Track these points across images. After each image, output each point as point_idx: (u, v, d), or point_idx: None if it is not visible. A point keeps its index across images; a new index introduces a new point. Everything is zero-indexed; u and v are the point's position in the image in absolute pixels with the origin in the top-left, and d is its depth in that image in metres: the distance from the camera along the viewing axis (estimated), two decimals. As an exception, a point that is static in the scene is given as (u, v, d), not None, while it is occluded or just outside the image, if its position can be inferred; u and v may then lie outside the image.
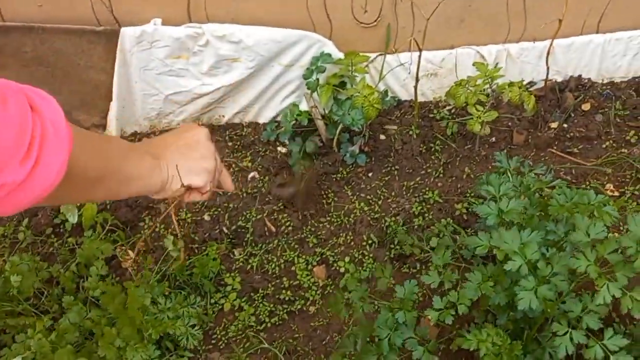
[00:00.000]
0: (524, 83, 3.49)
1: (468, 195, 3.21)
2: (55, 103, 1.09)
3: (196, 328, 2.82)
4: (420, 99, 3.53)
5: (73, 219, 3.03)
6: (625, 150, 3.26)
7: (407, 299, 2.33)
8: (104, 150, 1.29)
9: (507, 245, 2.13)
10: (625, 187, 3.17)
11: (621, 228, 3.00)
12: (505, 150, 3.34)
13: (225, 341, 2.93)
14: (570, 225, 2.15)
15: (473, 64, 2.98)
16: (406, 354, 2.39)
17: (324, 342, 2.92)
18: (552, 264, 2.08)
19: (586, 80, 3.46)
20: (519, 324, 2.56)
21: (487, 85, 2.97)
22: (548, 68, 3.30)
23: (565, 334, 2.07)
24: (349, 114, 3.15)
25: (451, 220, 3.15)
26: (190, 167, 1.54)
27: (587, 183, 3.18)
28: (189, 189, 1.57)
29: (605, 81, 3.47)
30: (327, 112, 3.39)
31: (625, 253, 1.93)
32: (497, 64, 3.23)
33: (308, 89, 3.27)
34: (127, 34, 3.08)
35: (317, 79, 3.25)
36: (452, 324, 2.51)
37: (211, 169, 1.61)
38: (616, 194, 3.16)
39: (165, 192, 1.51)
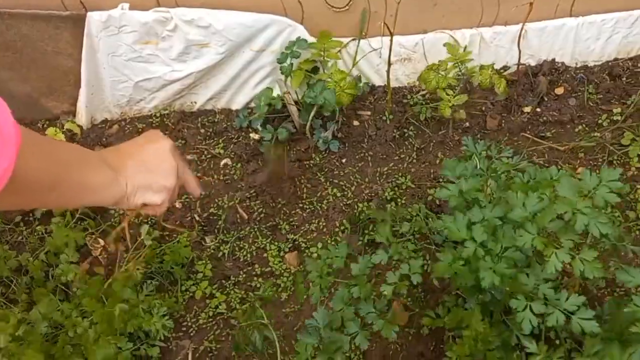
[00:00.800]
0: (498, 67, 3.48)
1: (441, 180, 3.20)
2: (1, 103, 1.02)
3: (166, 318, 2.80)
4: (394, 84, 3.51)
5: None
6: (598, 134, 3.25)
7: (361, 274, 2.33)
8: (57, 156, 1.21)
9: (457, 232, 2.13)
10: (598, 170, 3.16)
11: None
12: (478, 135, 3.33)
13: (196, 329, 2.91)
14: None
15: (444, 45, 2.96)
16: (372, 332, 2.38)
17: (295, 328, 2.90)
18: (499, 241, 2.08)
19: (560, 64, 3.45)
20: (488, 307, 2.56)
21: (458, 69, 2.95)
22: (520, 52, 3.28)
23: (525, 308, 2.07)
24: (322, 95, 3.12)
25: (424, 206, 3.14)
26: (150, 185, 1.46)
27: (560, 167, 3.17)
28: (145, 204, 1.52)
29: (579, 65, 3.47)
30: (299, 97, 3.36)
31: (564, 218, 1.94)
32: (465, 47, 3.21)
33: (282, 73, 3.24)
34: (94, 18, 3.04)
35: (291, 64, 3.22)
36: (421, 308, 2.52)
37: (171, 186, 1.53)
38: (588, 177, 3.16)
39: (120, 205, 1.44)
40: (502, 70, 3.46)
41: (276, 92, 3.43)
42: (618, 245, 2.43)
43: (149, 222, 3.12)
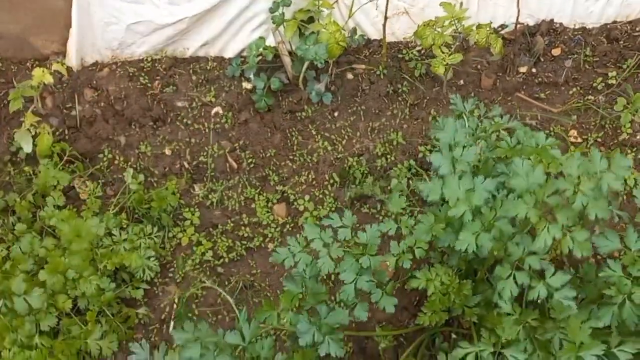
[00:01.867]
0: (496, 26, 3.43)
1: (432, 138, 3.19)
2: None
3: (153, 260, 2.82)
4: (390, 38, 3.46)
5: (27, 147, 2.96)
6: (592, 97, 3.24)
7: (370, 244, 2.31)
8: None
9: (453, 192, 2.13)
10: (589, 134, 3.17)
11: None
12: (472, 94, 3.31)
13: (182, 274, 2.94)
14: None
15: (440, 4, 2.91)
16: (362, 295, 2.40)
17: (281, 279, 2.93)
18: (495, 209, 2.09)
19: (558, 25, 3.41)
20: (472, 265, 2.59)
21: (454, 27, 2.91)
22: (519, 11, 3.23)
23: (509, 276, 2.10)
24: (313, 48, 3.08)
25: (414, 162, 3.14)
26: None
27: (551, 129, 3.17)
28: None
29: (577, 26, 3.42)
30: (293, 48, 3.31)
31: (564, 195, 1.95)
32: (461, 3, 3.14)
33: (273, 23, 3.19)
34: (85, -43, 2.96)
35: (283, 13, 3.16)
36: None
37: None
38: (579, 140, 3.17)
39: None
40: (499, 29, 3.42)
41: (270, 41, 3.38)
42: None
43: (135, 167, 3.11)
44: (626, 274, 1.99)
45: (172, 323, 2.82)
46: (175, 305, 2.86)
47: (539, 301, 2.24)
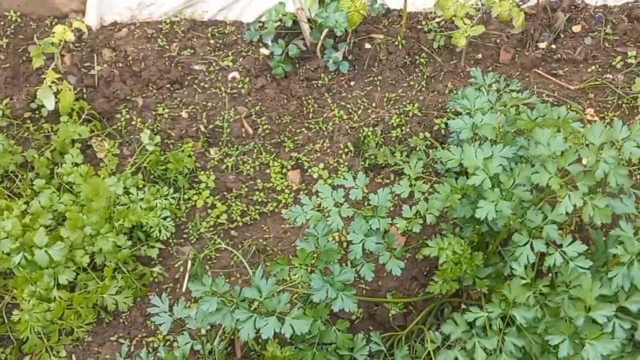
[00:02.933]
0: (518, 0, 3.41)
1: (449, 110, 3.20)
2: None
3: (168, 220, 2.86)
4: (410, 8, 3.44)
5: (50, 105, 2.98)
6: (610, 76, 3.24)
7: (381, 206, 2.36)
8: None
9: (472, 160, 2.16)
10: (606, 113, 3.17)
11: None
12: (490, 68, 3.31)
13: (197, 236, 2.98)
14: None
15: (464, -26, 2.89)
16: (372, 258, 2.44)
17: (293, 244, 2.98)
18: (514, 177, 2.12)
19: (580, 2, 3.39)
20: (485, 238, 2.63)
21: (477, -1, 2.90)
22: (542, -15, 3.22)
23: (526, 243, 2.13)
24: (333, 16, 3.07)
25: (429, 135, 3.15)
26: None
27: (568, 106, 3.17)
28: None
29: (599, 4, 3.40)
30: (312, 15, 3.31)
31: (586, 163, 1.98)
32: (489, -24, 3.13)
33: (294, -12, 3.18)
34: None
35: (305, -21, 3.15)
36: (419, 234, 2.58)
37: None
38: (596, 118, 3.17)
39: None
40: (521, 3, 3.40)
41: (290, 8, 3.37)
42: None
43: (152, 128, 3.14)
44: (638, 237, 2.03)
45: (185, 282, 2.87)
46: (189, 265, 2.91)
47: (550, 274, 2.29)
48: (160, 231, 2.83)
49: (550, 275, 2.22)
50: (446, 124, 3.16)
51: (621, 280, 1.97)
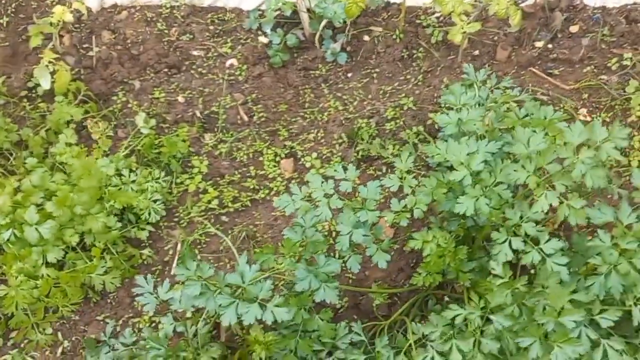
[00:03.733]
0: (517, -2, 3.42)
1: (443, 105, 3.21)
2: None
3: (159, 203, 2.88)
4: (410, 2, 3.45)
5: (46, 84, 3.00)
6: (605, 77, 3.24)
7: (370, 199, 2.37)
8: None
9: (456, 155, 2.18)
10: (598, 113, 3.19)
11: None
12: (487, 65, 3.32)
13: (188, 220, 3.01)
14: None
15: (463, -30, 2.90)
16: (360, 249, 2.46)
17: (282, 232, 2.99)
18: (495, 174, 2.14)
19: (579, 2, 3.39)
20: (471, 232, 2.65)
21: (475, -5, 2.91)
22: (541, -16, 3.22)
23: (504, 241, 2.15)
24: (332, 7, 3.09)
25: (422, 129, 3.17)
26: None
27: (562, 106, 3.19)
28: None
29: (598, 5, 3.40)
30: (312, 5, 3.32)
31: (564, 163, 1.99)
32: (488, -27, 3.14)
33: (294, -22, 3.19)
34: None
35: (305, -31, 3.16)
36: (408, 227, 2.60)
37: None
38: (588, 119, 3.18)
39: None
40: (519, 2, 3.40)
41: (290, -4, 3.38)
42: (608, 187, 2.49)
43: (147, 112, 3.16)
44: (615, 246, 2.04)
45: (174, 265, 2.90)
46: (178, 248, 2.94)
47: (532, 271, 2.31)
48: (150, 214, 2.85)
49: (529, 276, 2.24)
50: (440, 119, 3.17)
51: (597, 290, 1.99)
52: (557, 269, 2.03)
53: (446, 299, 2.70)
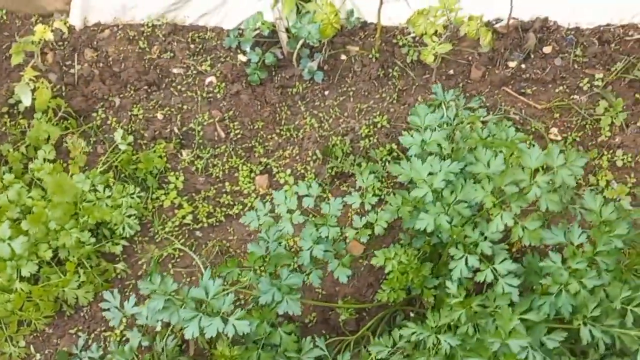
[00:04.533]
0: (491, 19, 3.48)
1: (411, 125, 3.26)
2: None
3: (133, 218, 2.94)
4: (387, 23, 3.52)
5: (26, 100, 3.07)
6: (577, 97, 3.30)
7: (331, 215, 2.44)
8: None
9: (419, 174, 2.23)
10: (569, 133, 3.24)
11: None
12: (461, 84, 3.38)
13: (163, 235, 3.06)
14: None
15: (434, -8, 2.96)
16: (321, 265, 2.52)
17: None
18: (455, 192, 2.19)
19: (552, 23, 3.45)
20: (437, 248, 2.70)
21: (446, 17, 2.97)
22: (512, 5, 3.27)
23: (461, 258, 2.20)
24: (306, 27, 3.16)
25: (395, 146, 3.23)
26: None
27: (533, 125, 3.24)
28: None
29: (571, 26, 3.46)
30: (290, 25, 3.39)
31: (520, 185, 2.04)
32: (461, -5, 3.20)
33: (272, -1, 3.27)
34: None
35: (282, -10, 3.24)
36: (372, 243, 2.65)
37: None
38: (559, 138, 3.23)
39: None
40: (494, 22, 3.46)
41: (269, 16, 3.45)
42: (570, 207, 2.54)
43: (126, 128, 3.22)
44: (566, 266, 2.08)
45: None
46: (152, 264, 2.99)
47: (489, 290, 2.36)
48: (124, 228, 2.91)
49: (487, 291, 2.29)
50: (413, 137, 3.22)
51: (548, 309, 2.04)
52: (508, 290, 2.07)
53: (411, 314, 2.74)
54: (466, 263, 2.19)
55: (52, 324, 2.86)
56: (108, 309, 2.43)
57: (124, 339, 2.80)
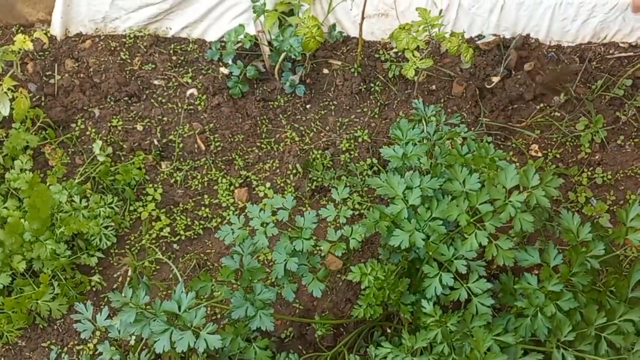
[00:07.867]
0: (473, 35, 3.50)
1: (393, 139, 3.26)
2: None
3: (110, 230, 2.91)
4: (369, 38, 3.53)
5: (4, 110, 3.04)
6: (558, 114, 3.31)
7: (306, 228, 2.42)
8: None
9: (393, 189, 2.22)
10: (550, 150, 3.24)
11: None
12: (442, 100, 3.38)
13: (139, 247, 3.03)
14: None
15: (416, 9, 2.97)
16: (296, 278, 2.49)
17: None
18: (431, 209, 2.18)
19: (534, 41, 3.48)
20: (415, 264, 2.68)
21: (428, 32, 2.98)
22: (496, 22, 3.30)
23: (435, 275, 2.19)
24: (288, 41, 3.16)
25: (376, 161, 3.22)
26: None
27: (513, 142, 3.25)
28: None
29: (553, 44, 3.48)
30: (272, 38, 3.39)
31: (495, 205, 2.03)
32: (441, 10, 3.22)
33: (254, 12, 3.26)
34: None
35: (264, 3, 3.24)
36: (355, 258, 2.63)
37: None
38: (539, 155, 3.24)
39: None
40: (476, 39, 3.48)
41: (251, 29, 3.45)
42: (547, 225, 2.54)
43: (105, 139, 3.20)
44: (541, 286, 2.07)
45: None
46: (128, 276, 2.95)
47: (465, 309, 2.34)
48: (100, 240, 2.88)
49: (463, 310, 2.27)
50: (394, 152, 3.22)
51: (524, 332, 2.02)
52: (482, 310, 2.06)
53: (388, 330, 2.72)
54: (440, 281, 2.17)
55: (25, 336, 2.82)
56: (80, 321, 2.38)
57: (96, 352, 2.75)
